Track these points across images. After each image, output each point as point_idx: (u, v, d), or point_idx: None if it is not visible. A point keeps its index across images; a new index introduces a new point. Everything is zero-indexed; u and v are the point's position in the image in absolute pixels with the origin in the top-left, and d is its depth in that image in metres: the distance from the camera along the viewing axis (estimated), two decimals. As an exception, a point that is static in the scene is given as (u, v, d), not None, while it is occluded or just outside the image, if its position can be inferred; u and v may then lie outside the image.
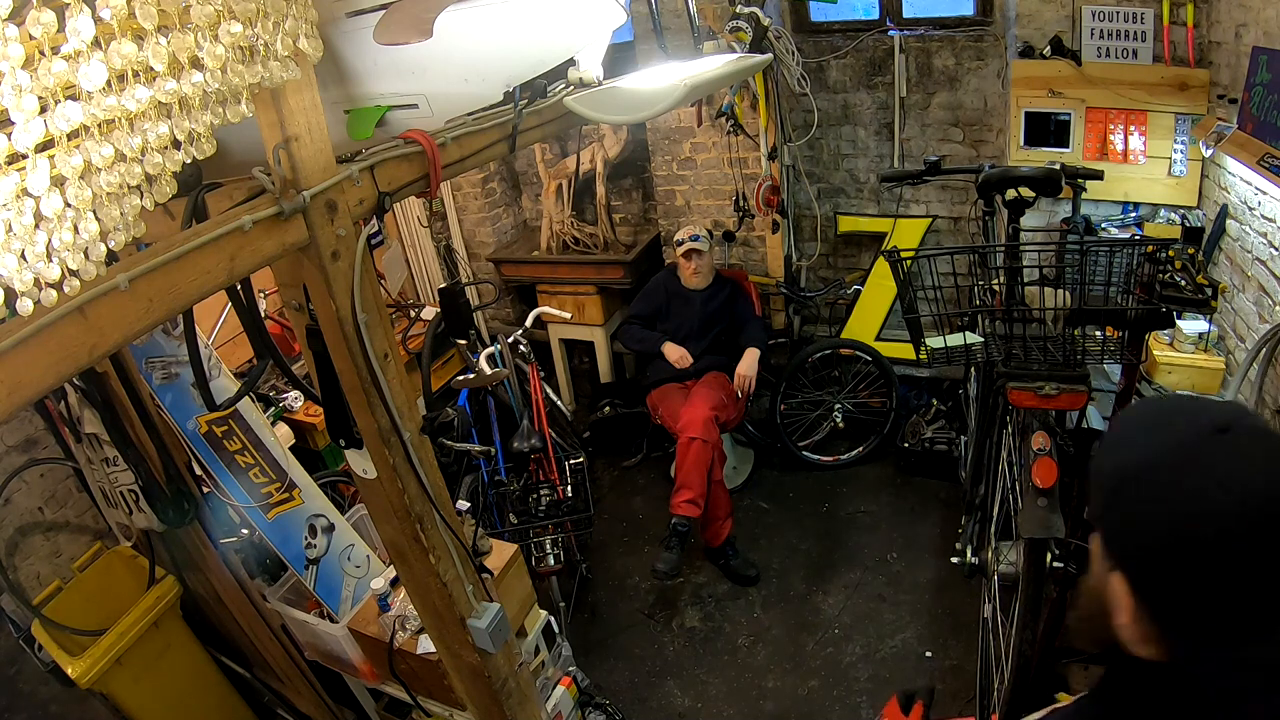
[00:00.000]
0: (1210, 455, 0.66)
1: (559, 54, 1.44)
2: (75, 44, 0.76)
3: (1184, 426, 0.70)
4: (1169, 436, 0.70)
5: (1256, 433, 0.67)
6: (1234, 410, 0.70)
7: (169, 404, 2.10)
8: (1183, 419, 0.71)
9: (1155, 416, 0.74)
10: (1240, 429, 0.67)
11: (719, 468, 3.13)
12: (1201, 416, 0.69)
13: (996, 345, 1.99)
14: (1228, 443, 0.66)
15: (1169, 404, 0.77)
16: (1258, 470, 0.65)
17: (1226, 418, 0.68)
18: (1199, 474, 0.66)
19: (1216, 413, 0.69)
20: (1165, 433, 0.70)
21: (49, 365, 0.87)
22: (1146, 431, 0.72)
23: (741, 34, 3.02)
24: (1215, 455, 0.66)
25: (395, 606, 2.12)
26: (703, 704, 2.72)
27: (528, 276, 4.37)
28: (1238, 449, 0.66)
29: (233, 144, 1.32)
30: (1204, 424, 0.68)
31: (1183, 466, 0.67)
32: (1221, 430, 0.67)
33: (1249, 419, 0.69)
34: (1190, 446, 0.68)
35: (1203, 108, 2.87)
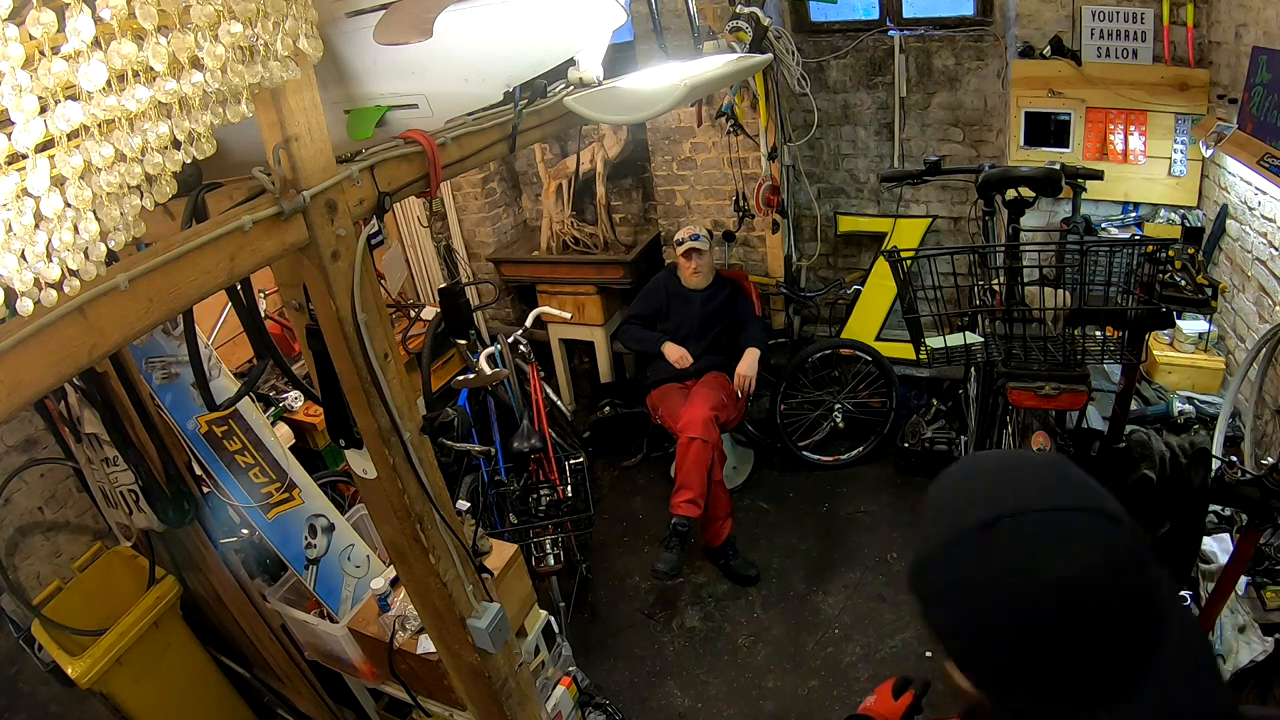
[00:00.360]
0: (977, 549, 0.66)
1: (559, 54, 1.44)
2: (75, 44, 0.76)
3: (956, 516, 0.69)
4: (945, 528, 0.70)
5: (1022, 522, 0.65)
6: (1012, 491, 0.68)
7: (169, 404, 2.10)
8: (958, 507, 0.70)
9: (946, 500, 0.74)
10: (1006, 522, 0.65)
11: (719, 468, 3.13)
12: (972, 507, 0.68)
13: (996, 345, 1.99)
14: (993, 537, 0.65)
15: (960, 486, 0.74)
16: (1017, 567, 0.64)
17: (995, 511, 0.66)
18: (969, 567, 0.66)
19: (993, 501, 0.68)
20: (942, 524, 0.70)
21: (49, 365, 0.87)
22: (934, 517, 0.72)
23: (741, 34, 3.02)
24: (981, 549, 0.66)
25: (395, 606, 2.12)
26: (703, 704, 2.72)
27: (528, 276, 4.37)
28: (1000, 543, 0.65)
29: (233, 144, 1.32)
30: (973, 518, 0.67)
31: (946, 562, 0.68)
32: (986, 525, 0.66)
33: (1025, 501, 0.67)
34: (954, 543, 0.68)
35: (1203, 108, 2.87)
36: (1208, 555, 2.14)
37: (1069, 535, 0.65)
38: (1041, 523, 0.65)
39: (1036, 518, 0.65)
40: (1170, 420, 2.59)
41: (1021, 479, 0.69)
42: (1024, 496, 0.67)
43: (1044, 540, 0.64)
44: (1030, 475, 0.70)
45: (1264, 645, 1.90)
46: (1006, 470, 0.72)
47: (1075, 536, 0.64)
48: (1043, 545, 0.64)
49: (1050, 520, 0.65)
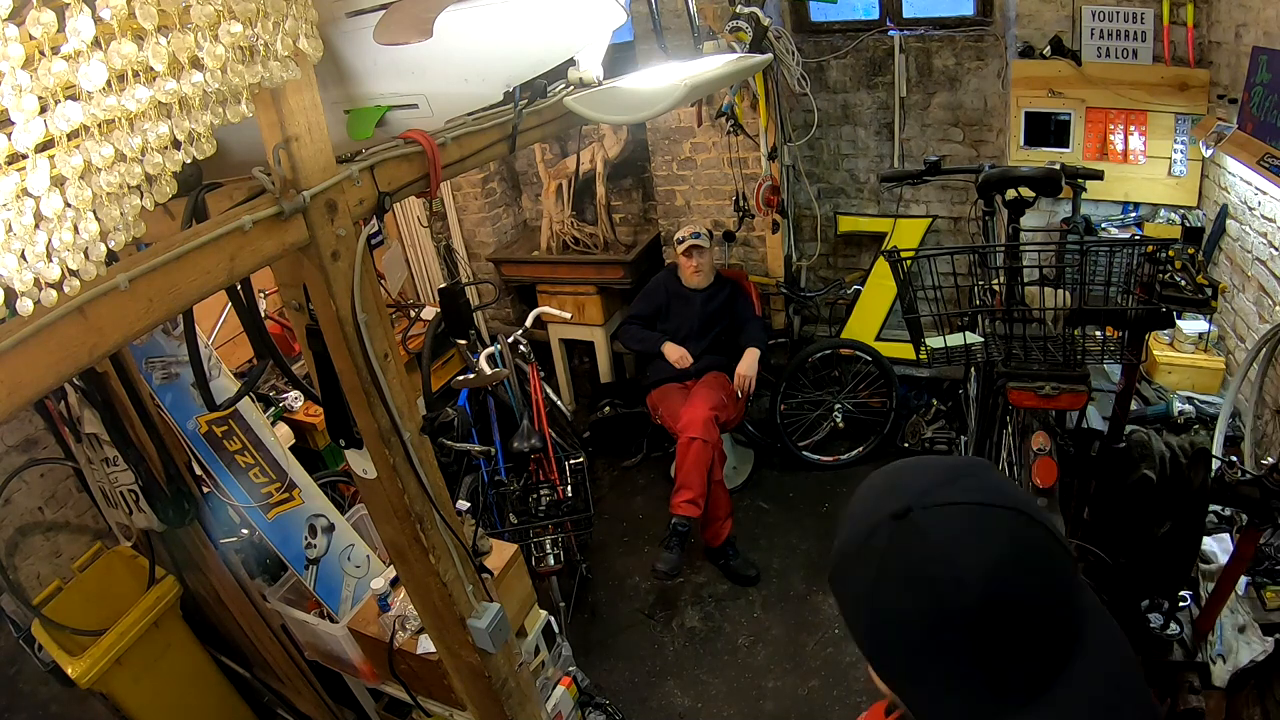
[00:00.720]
0: (890, 539, 0.64)
1: (559, 54, 1.44)
2: (75, 44, 0.76)
3: (870, 511, 0.67)
4: (858, 523, 0.68)
5: (935, 513, 0.64)
6: (925, 485, 0.66)
7: (169, 404, 2.10)
8: (872, 502, 0.69)
9: (861, 497, 0.72)
10: (919, 513, 0.63)
11: (719, 468, 3.13)
12: (886, 499, 0.66)
13: (996, 345, 1.99)
14: (907, 526, 0.63)
15: (875, 483, 0.72)
16: (930, 557, 0.62)
17: (907, 501, 0.64)
18: (873, 564, 0.65)
19: (908, 493, 0.66)
20: (857, 519, 0.69)
21: (49, 365, 0.87)
22: (850, 515, 0.71)
23: (741, 34, 3.02)
24: (888, 543, 0.64)
25: (395, 606, 2.12)
26: (703, 704, 2.72)
27: (528, 276, 4.37)
28: (909, 534, 0.63)
29: (233, 144, 1.32)
30: (887, 509, 0.65)
31: (860, 556, 0.66)
32: (898, 515, 0.64)
33: (937, 494, 0.65)
34: (867, 536, 0.66)
35: (1203, 108, 2.87)
36: (1208, 555, 2.14)
37: (985, 528, 0.63)
38: (957, 514, 0.63)
39: (952, 510, 0.64)
40: (1170, 420, 2.59)
41: (939, 475, 0.67)
42: (940, 490, 0.65)
43: (959, 530, 0.63)
44: (948, 471, 0.68)
45: (1264, 645, 1.90)
46: (925, 468, 0.70)
47: (991, 529, 0.63)
48: (959, 535, 0.62)
49: (966, 512, 0.64)
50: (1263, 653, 1.88)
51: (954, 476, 0.67)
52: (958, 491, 0.65)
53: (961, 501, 0.64)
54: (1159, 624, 2.04)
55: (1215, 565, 2.09)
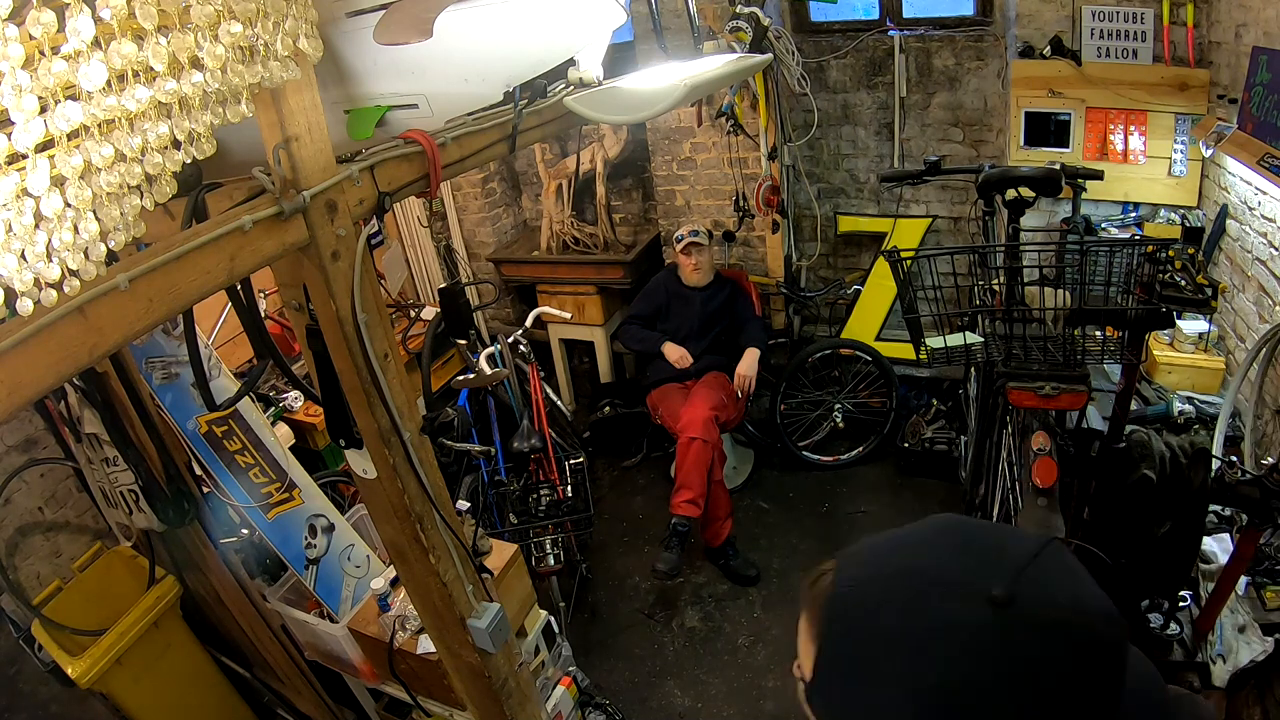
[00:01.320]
0: (1006, 653, 0.53)
1: (559, 54, 1.44)
2: (75, 44, 0.76)
3: (950, 619, 0.55)
4: (939, 649, 0.54)
5: (1040, 569, 0.56)
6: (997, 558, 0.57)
7: (169, 404, 2.10)
8: (927, 606, 0.56)
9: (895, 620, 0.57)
10: (1024, 579, 0.54)
11: (719, 468, 3.13)
12: (974, 589, 0.55)
13: (996, 345, 1.99)
14: (1012, 625, 0.53)
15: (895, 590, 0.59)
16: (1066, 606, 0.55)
17: (1006, 587, 0.54)
18: (1001, 685, 0.53)
19: (982, 574, 0.55)
20: (929, 646, 0.55)
21: (49, 365, 0.87)
22: (898, 652, 0.56)
23: (741, 34, 3.02)
24: (1009, 651, 0.53)
25: (395, 606, 2.12)
26: (703, 704, 2.72)
27: (528, 276, 4.37)
28: (1026, 634, 0.53)
29: (233, 144, 1.32)
30: (984, 599, 0.54)
31: (975, 684, 0.53)
32: (1003, 604, 0.53)
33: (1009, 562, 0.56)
34: (979, 651, 0.54)
35: (1203, 108, 2.87)
36: (1208, 555, 2.14)
37: (1070, 563, 0.58)
38: (1050, 562, 0.57)
39: (1043, 560, 0.57)
40: (1170, 420, 2.60)
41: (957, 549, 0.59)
42: (1002, 554, 0.57)
43: (1064, 577, 0.57)
44: (960, 537, 0.60)
45: (1264, 645, 1.90)
46: (928, 550, 0.60)
47: (1073, 564, 0.58)
48: (1071, 581, 0.57)
49: (1052, 557, 0.57)
50: (1263, 653, 1.88)
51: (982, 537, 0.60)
52: (1020, 544, 0.58)
53: (1038, 550, 0.57)
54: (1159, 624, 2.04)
55: (1215, 565, 2.09)
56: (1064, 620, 0.54)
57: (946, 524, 0.62)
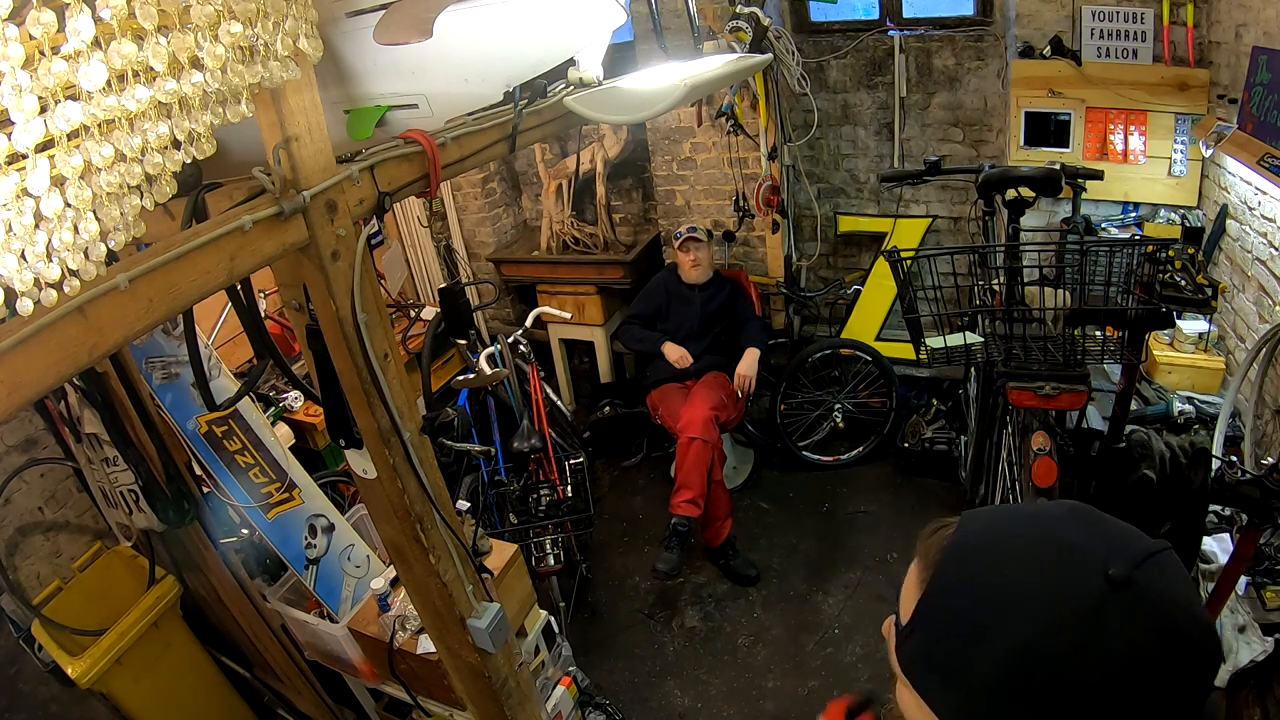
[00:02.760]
0: (1111, 635, 0.52)
1: (559, 54, 1.44)
2: (75, 44, 0.76)
3: (1067, 588, 0.54)
4: (1049, 616, 0.53)
5: (1154, 566, 0.54)
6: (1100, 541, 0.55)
7: (169, 404, 2.10)
8: (1051, 569, 0.55)
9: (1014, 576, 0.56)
10: (1139, 575, 0.53)
11: (719, 468, 3.13)
12: (1084, 576, 0.53)
13: (996, 345, 1.99)
14: (1125, 609, 0.52)
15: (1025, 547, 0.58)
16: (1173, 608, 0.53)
17: (1122, 568, 0.53)
18: (1104, 667, 0.52)
19: (1102, 557, 0.54)
20: (1040, 611, 0.54)
21: (49, 365, 0.87)
22: (1011, 608, 0.55)
23: (741, 34, 3.02)
24: (1115, 635, 0.52)
25: (395, 606, 2.12)
26: (703, 704, 2.72)
27: (528, 276, 4.37)
28: (1134, 620, 0.52)
29: (233, 144, 1.32)
30: (1096, 584, 0.53)
31: (1078, 658, 0.52)
32: (1121, 585, 0.52)
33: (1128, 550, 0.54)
34: (1086, 625, 0.52)
35: (1203, 108, 2.87)
36: (1208, 555, 2.14)
37: (1183, 571, 0.56)
38: (1167, 563, 0.55)
39: (1162, 559, 0.55)
40: (1170, 420, 2.60)
41: (1090, 527, 0.58)
42: (1128, 542, 0.56)
43: (1178, 581, 0.55)
44: (1094, 520, 0.59)
45: (1264, 645, 1.90)
46: (1061, 521, 0.59)
47: (1184, 573, 0.56)
48: (1183, 586, 0.55)
49: (1169, 560, 0.55)
50: (1263, 653, 1.88)
51: (1105, 523, 0.59)
52: (1137, 538, 0.57)
53: (1157, 549, 0.56)
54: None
55: (1215, 565, 2.09)
56: (1174, 618, 0.53)
57: (1079, 505, 0.62)
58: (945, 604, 0.58)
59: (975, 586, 0.57)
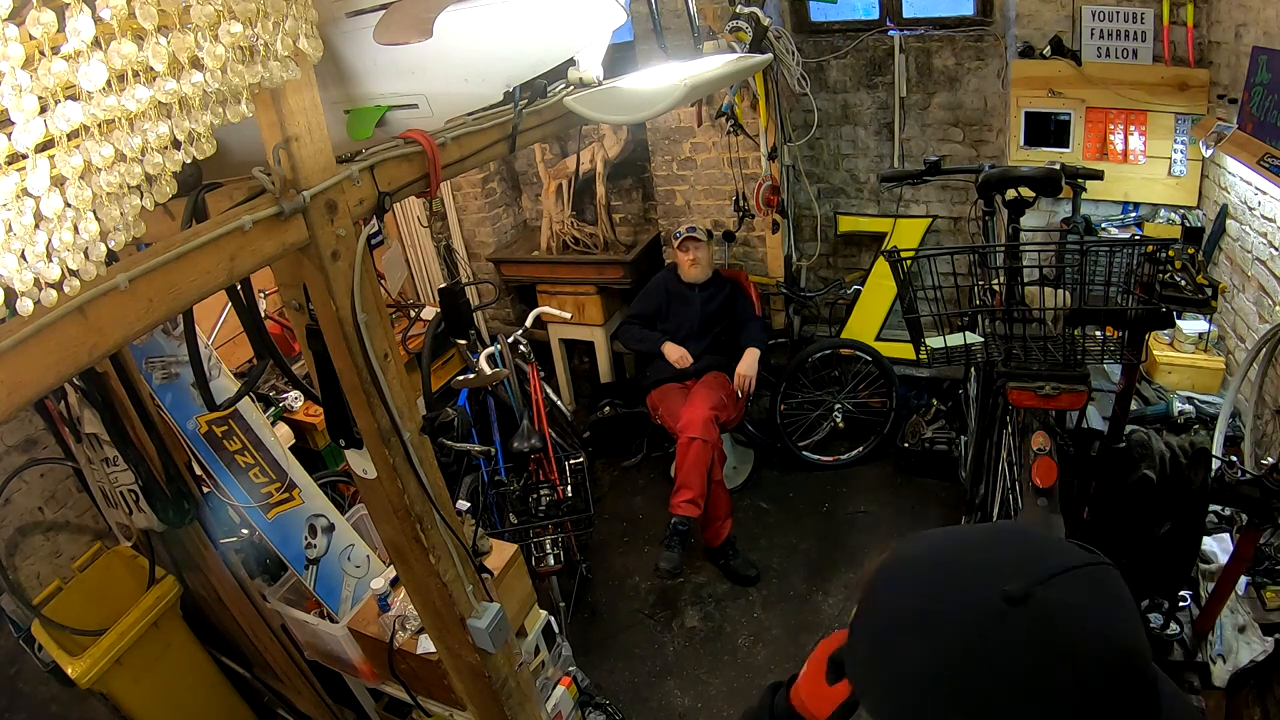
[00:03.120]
0: (1002, 653, 0.53)
1: (559, 54, 1.44)
2: (75, 44, 0.76)
3: (966, 605, 0.55)
4: (947, 632, 0.55)
5: (1066, 585, 0.55)
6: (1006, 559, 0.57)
7: (169, 404, 2.10)
8: (955, 587, 0.57)
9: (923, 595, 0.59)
10: (1040, 590, 0.54)
11: (719, 468, 3.13)
12: (985, 588, 0.55)
13: (996, 345, 1.99)
14: (1020, 626, 0.53)
15: (937, 566, 0.60)
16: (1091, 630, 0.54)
17: (1022, 583, 0.54)
18: (993, 686, 0.53)
19: (1000, 573, 0.55)
20: (941, 628, 0.56)
21: (49, 365, 0.87)
22: (916, 626, 0.57)
23: (741, 34, 3.02)
24: (1007, 652, 0.53)
25: (395, 606, 2.12)
26: (703, 704, 2.72)
27: (528, 276, 4.37)
28: (1029, 639, 0.53)
29: (233, 144, 1.32)
30: (984, 598, 0.54)
31: (971, 674, 0.54)
32: (1014, 601, 0.53)
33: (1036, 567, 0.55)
34: (976, 645, 0.54)
35: (1203, 108, 2.87)
36: (1208, 555, 2.14)
37: (1111, 591, 0.57)
38: (1084, 581, 0.56)
39: (1078, 576, 0.56)
40: (1170, 420, 2.60)
41: (1008, 543, 0.59)
42: (1042, 558, 0.57)
43: (1094, 600, 0.56)
44: (1013, 537, 0.60)
45: (1264, 645, 1.90)
46: (980, 540, 0.61)
47: (1115, 592, 0.57)
48: (1100, 606, 0.56)
49: (1090, 578, 0.56)
50: (1263, 653, 1.88)
51: (1028, 541, 0.60)
52: (1059, 554, 0.58)
53: (1080, 564, 0.57)
54: (1159, 624, 2.04)
55: (1215, 565, 2.09)
56: (1070, 635, 0.54)
57: (1013, 527, 0.63)
58: (868, 631, 0.62)
59: (889, 613, 0.60)
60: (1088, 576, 0.57)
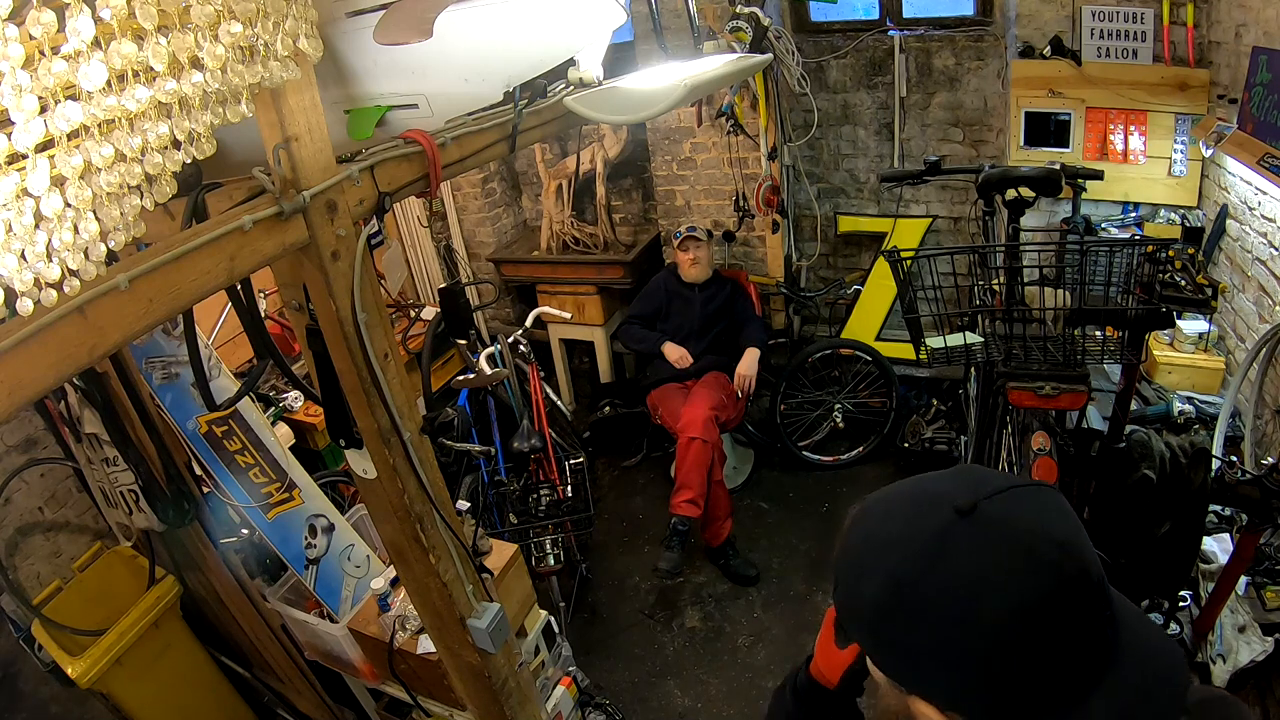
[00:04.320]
0: (955, 555, 0.60)
1: (559, 54, 1.44)
2: (75, 44, 0.76)
3: (915, 526, 0.63)
4: (905, 548, 0.62)
5: (1010, 499, 0.62)
6: (978, 483, 0.63)
7: (169, 404, 2.10)
8: (915, 517, 0.64)
9: (883, 526, 0.67)
10: (985, 504, 0.61)
11: (719, 468, 3.13)
12: (938, 508, 0.62)
13: (996, 345, 1.99)
14: (975, 522, 0.60)
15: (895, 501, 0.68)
16: (1025, 536, 0.60)
17: (971, 496, 0.61)
18: (950, 584, 0.59)
19: (958, 493, 0.62)
20: (899, 546, 0.63)
21: (49, 365, 0.87)
22: (880, 550, 0.64)
23: (741, 34, 3.02)
24: (959, 554, 0.60)
25: (395, 606, 2.12)
26: (703, 704, 2.72)
27: (528, 276, 4.37)
28: (976, 541, 0.60)
29: (233, 144, 1.32)
30: (943, 514, 0.61)
31: (929, 578, 0.60)
32: (965, 512, 0.60)
33: (1001, 483, 0.62)
34: (931, 551, 0.61)
35: (1203, 108, 2.87)
36: (1208, 555, 2.14)
37: (1053, 504, 0.63)
38: (1027, 495, 0.62)
39: (1020, 491, 0.62)
40: (1170, 420, 2.60)
41: (959, 476, 0.66)
42: (988, 481, 0.63)
43: (1036, 506, 0.62)
44: (965, 471, 0.67)
45: (1264, 645, 1.90)
46: (935, 478, 0.67)
47: (1056, 505, 0.63)
48: (1040, 510, 0.62)
49: (1033, 493, 0.63)
50: (1263, 653, 1.88)
51: (974, 472, 0.66)
52: (1005, 479, 0.64)
53: (1024, 484, 0.63)
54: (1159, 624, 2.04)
55: (1215, 565, 2.09)
56: (1017, 536, 0.60)
57: (968, 467, 0.72)
58: (842, 559, 0.69)
59: (859, 540, 0.68)
60: (1030, 493, 0.63)
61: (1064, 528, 0.61)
